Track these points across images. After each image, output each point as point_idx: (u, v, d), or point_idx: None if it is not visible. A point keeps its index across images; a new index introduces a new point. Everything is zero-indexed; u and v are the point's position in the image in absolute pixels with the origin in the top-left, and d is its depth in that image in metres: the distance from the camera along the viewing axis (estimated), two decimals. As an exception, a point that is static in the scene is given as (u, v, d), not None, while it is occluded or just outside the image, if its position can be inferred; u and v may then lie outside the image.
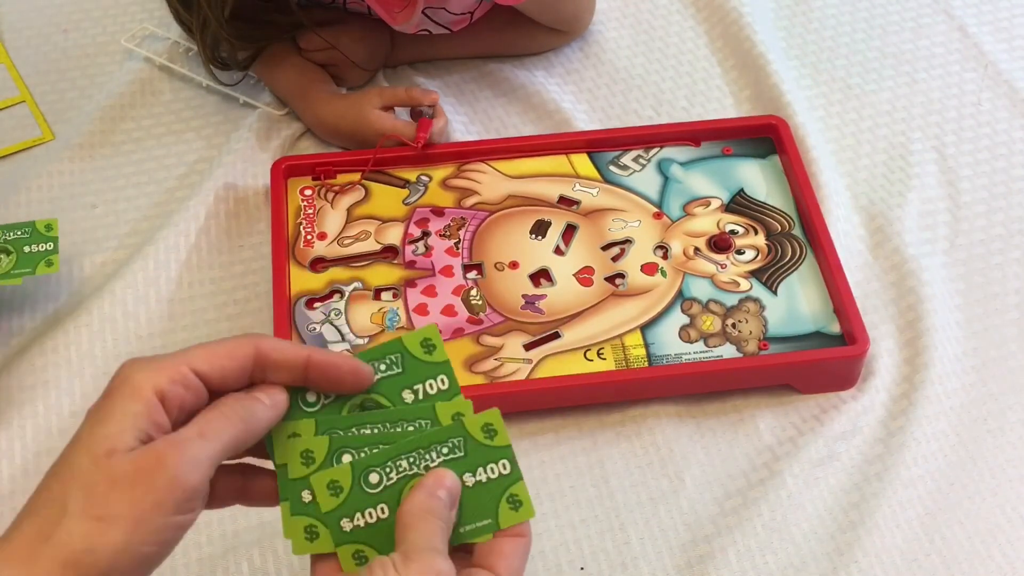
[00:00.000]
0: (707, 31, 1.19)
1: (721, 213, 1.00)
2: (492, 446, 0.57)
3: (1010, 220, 1.05)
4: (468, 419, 0.57)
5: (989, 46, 1.18)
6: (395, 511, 0.55)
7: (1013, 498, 0.88)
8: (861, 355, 0.91)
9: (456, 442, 0.57)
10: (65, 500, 0.50)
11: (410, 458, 0.56)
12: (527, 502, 0.57)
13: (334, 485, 0.56)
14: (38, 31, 1.19)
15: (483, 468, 0.57)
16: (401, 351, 0.58)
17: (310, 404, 0.57)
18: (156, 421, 0.52)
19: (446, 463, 0.57)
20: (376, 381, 0.57)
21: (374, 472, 0.56)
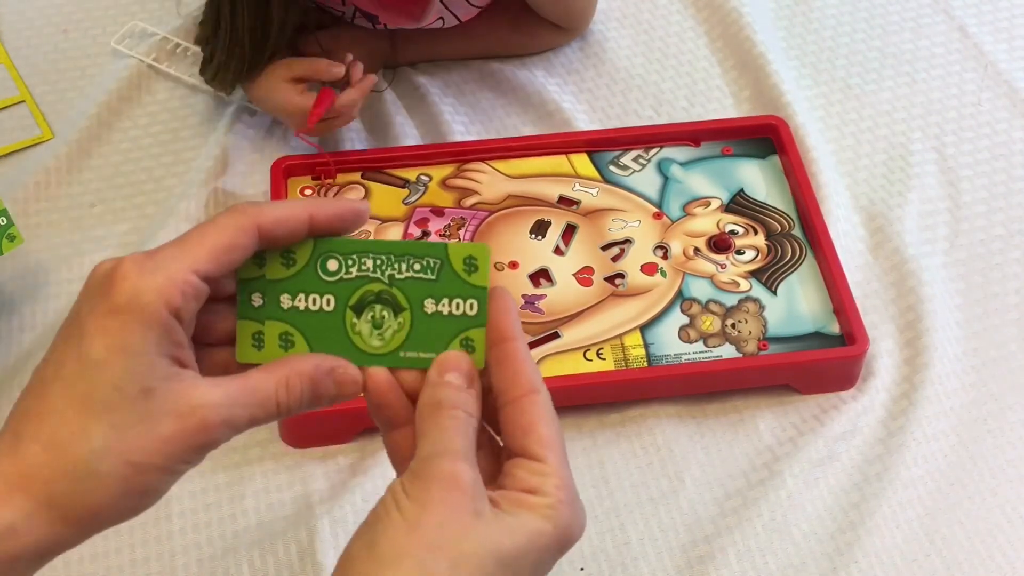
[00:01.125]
0: (707, 31, 1.19)
1: (721, 213, 1.00)
2: (468, 281, 0.52)
3: (1010, 220, 1.05)
4: (453, 247, 0.52)
5: (989, 46, 1.18)
6: (340, 311, 0.52)
7: (1013, 498, 0.88)
8: (861, 355, 0.91)
9: (432, 262, 0.52)
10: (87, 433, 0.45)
11: (377, 259, 0.52)
12: (480, 351, 0.52)
13: (289, 256, 0.52)
14: (38, 31, 1.19)
15: (449, 300, 0.52)
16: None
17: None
18: (180, 343, 0.47)
19: (412, 281, 0.52)
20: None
21: (334, 259, 0.52)
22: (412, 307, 0.52)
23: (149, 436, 0.45)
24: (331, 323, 0.52)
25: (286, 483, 0.88)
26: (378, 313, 0.52)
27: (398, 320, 0.52)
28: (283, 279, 0.52)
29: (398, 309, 0.52)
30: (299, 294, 0.52)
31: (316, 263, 0.51)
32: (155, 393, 0.45)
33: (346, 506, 0.86)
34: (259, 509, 0.87)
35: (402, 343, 0.52)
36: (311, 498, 0.87)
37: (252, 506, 0.87)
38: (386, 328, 0.52)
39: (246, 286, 0.52)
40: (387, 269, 0.52)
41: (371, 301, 0.52)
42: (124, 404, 0.45)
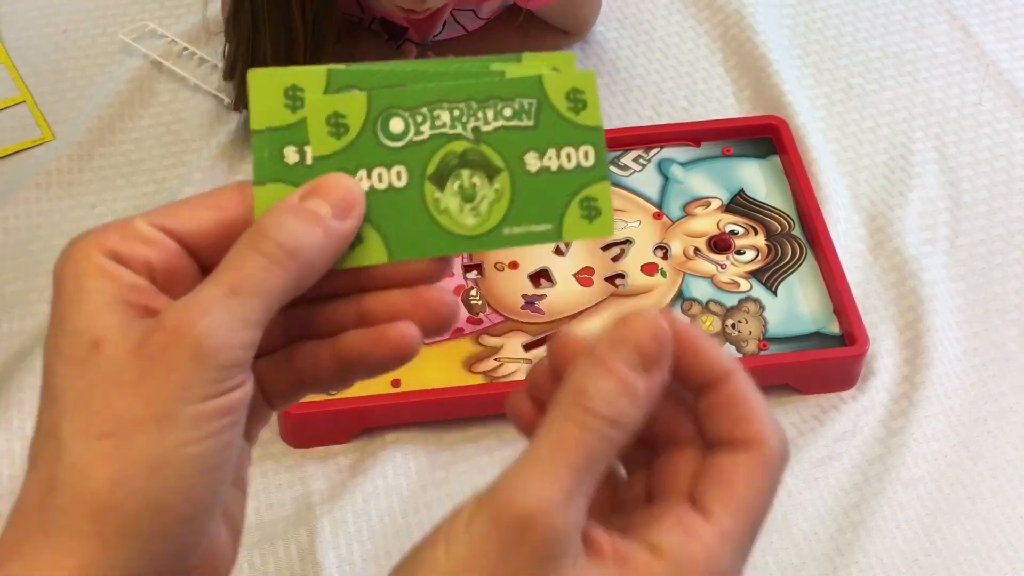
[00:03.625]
0: (708, 31, 1.19)
1: (721, 213, 1.00)
2: (576, 122, 0.41)
3: (1011, 220, 1.05)
4: (549, 78, 0.41)
5: (991, 46, 1.18)
6: (417, 184, 0.40)
7: (1014, 498, 0.88)
8: (861, 355, 0.91)
9: (526, 104, 0.40)
10: (56, 429, 0.36)
11: (455, 110, 0.40)
12: (607, 212, 0.41)
13: (337, 121, 0.40)
14: (38, 31, 1.18)
15: (556, 150, 0.41)
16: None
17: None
18: (132, 284, 0.37)
19: (505, 131, 0.40)
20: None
21: (399, 116, 0.40)
22: (510, 166, 0.41)
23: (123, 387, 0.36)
24: (407, 203, 0.40)
25: (286, 483, 0.88)
26: (467, 180, 0.40)
27: (494, 187, 0.41)
28: (333, 154, 0.39)
29: (492, 172, 0.41)
30: (359, 170, 0.40)
31: (375, 126, 0.40)
32: (104, 345, 0.36)
33: (346, 507, 0.86)
34: (259, 509, 0.87)
35: (504, 216, 0.40)
36: (311, 498, 0.87)
37: (252, 506, 0.87)
38: (480, 199, 0.40)
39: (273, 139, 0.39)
40: (469, 120, 0.40)
41: (455, 166, 0.40)
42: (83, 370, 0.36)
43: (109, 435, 0.35)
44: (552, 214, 0.41)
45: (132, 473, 0.35)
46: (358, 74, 0.40)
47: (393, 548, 0.85)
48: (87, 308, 0.36)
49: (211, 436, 0.36)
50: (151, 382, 0.35)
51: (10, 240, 1.02)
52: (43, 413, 0.37)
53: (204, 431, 0.36)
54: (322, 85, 0.40)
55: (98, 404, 0.36)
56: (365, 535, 0.85)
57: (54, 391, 0.37)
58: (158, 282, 0.38)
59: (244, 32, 0.98)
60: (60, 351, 0.37)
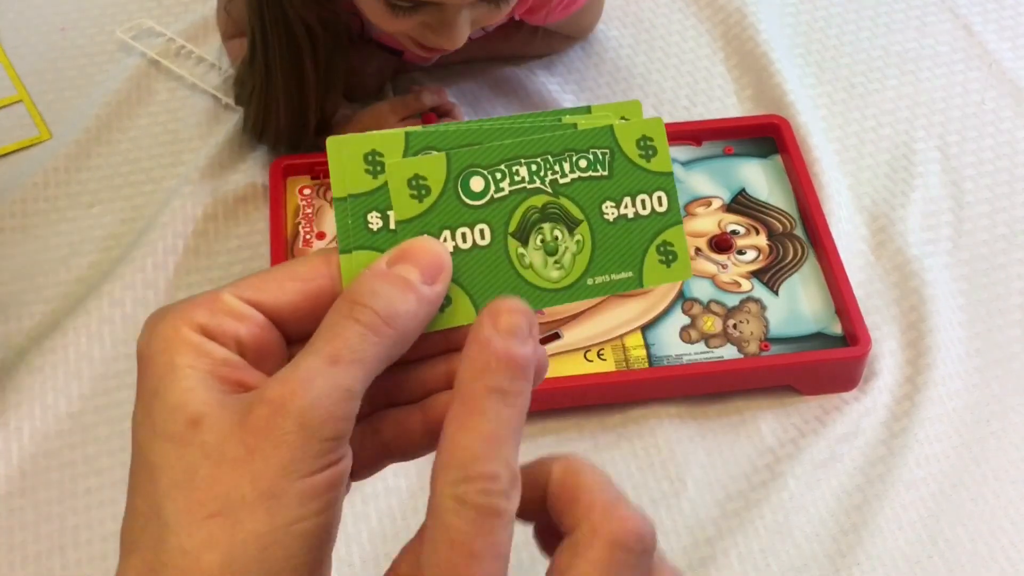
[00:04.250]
0: (709, 30, 1.19)
1: (722, 213, 0.99)
2: (648, 169, 0.42)
3: (1013, 220, 1.04)
4: (620, 127, 0.41)
5: (993, 44, 1.18)
6: (501, 241, 0.40)
7: (1016, 499, 0.88)
8: (863, 356, 0.90)
9: (600, 154, 0.41)
10: (159, 510, 0.35)
11: (533, 164, 0.40)
12: (683, 256, 0.42)
13: (419, 183, 0.39)
14: (36, 30, 1.18)
15: (631, 198, 0.41)
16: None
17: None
18: (224, 360, 0.37)
19: (581, 183, 0.41)
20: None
21: (478, 175, 0.40)
22: (589, 217, 0.41)
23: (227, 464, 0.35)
24: (491, 260, 0.40)
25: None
26: (549, 234, 0.41)
27: (575, 238, 0.41)
28: (416, 217, 0.39)
29: (572, 224, 0.41)
30: (443, 231, 0.39)
31: (456, 185, 0.40)
32: (204, 421, 0.35)
33: (345, 508, 0.85)
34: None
35: (586, 267, 0.41)
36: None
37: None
38: (563, 252, 0.41)
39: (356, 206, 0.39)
40: (547, 174, 0.41)
41: (536, 221, 0.40)
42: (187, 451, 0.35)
43: (217, 515, 0.34)
44: (632, 262, 0.41)
45: (242, 555, 0.34)
46: (435, 135, 0.40)
47: (392, 550, 0.83)
48: (182, 385, 0.36)
49: (319, 512, 0.35)
50: (257, 458, 0.35)
51: (6, 240, 1.02)
52: (138, 493, 0.36)
53: (312, 507, 0.35)
54: (400, 148, 0.40)
55: (203, 483, 0.35)
56: (364, 537, 0.85)
57: (152, 470, 0.35)
58: (248, 357, 0.38)
59: (259, 77, 0.98)
60: (156, 429, 0.36)
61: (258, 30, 0.95)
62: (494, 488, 0.34)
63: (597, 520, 0.36)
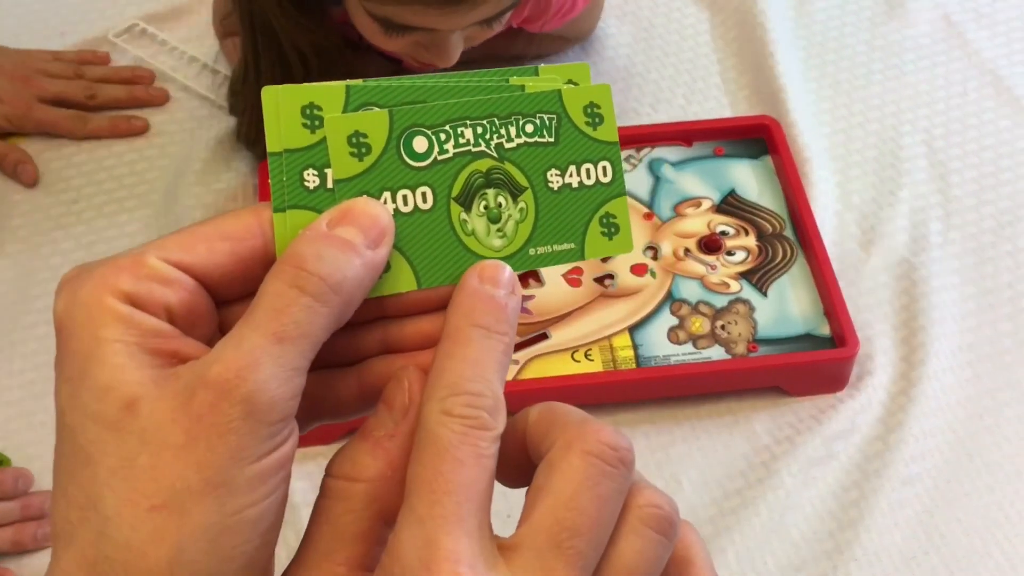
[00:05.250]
0: (708, 29, 1.19)
1: (712, 214, 0.99)
2: (595, 137, 0.40)
3: (999, 212, 1.05)
4: (567, 92, 0.40)
5: (972, 34, 1.18)
6: (443, 206, 0.38)
7: (1011, 494, 0.88)
8: (851, 357, 0.90)
9: (547, 119, 0.40)
10: (97, 500, 0.33)
11: (479, 127, 0.39)
12: (625, 228, 0.41)
13: (359, 141, 0.38)
14: (36, 33, 1.18)
15: (576, 167, 0.40)
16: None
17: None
18: (156, 330, 0.34)
19: (527, 148, 0.40)
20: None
21: (422, 134, 0.38)
22: (533, 185, 0.40)
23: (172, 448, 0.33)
24: (433, 226, 0.38)
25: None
26: (492, 201, 0.39)
27: (519, 206, 0.40)
28: (355, 176, 0.37)
29: (516, 191, 0.40)
30: (383, 193, 0.38)
31: (398, 145, 0.38)
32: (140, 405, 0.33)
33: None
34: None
35: (528, 236, 0.40)
36: (294, 498, 0.87)
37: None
38: (506, 220, 0.39)
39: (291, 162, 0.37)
40: (493, 137, 0.39)
41: (480, 186, 0.39)
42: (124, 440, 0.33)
43: (162, 507, 0.32)
44: (575, 233, 0.40)
45: (191, 547, 0.32)
46: (377, 90, 0.38)
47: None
48: (111, 361, 0.33)
49: (268, 495, 0.34)
50: (202, 446, 0.32)
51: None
52: (72, 480, 0.33)
53: (262, 491, 0.33)
54: (340, 102, 0.38)
55: (144, 472, 0.32)
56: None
57: (87, 457, 0.33)
58: (178, 324, 0.35)
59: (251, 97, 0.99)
60: (88, 411, 0.33)
61: (250, 52, 0.96)
62: (479, 403, 0.34)
63: (571, 435, 0.35)
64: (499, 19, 0.89)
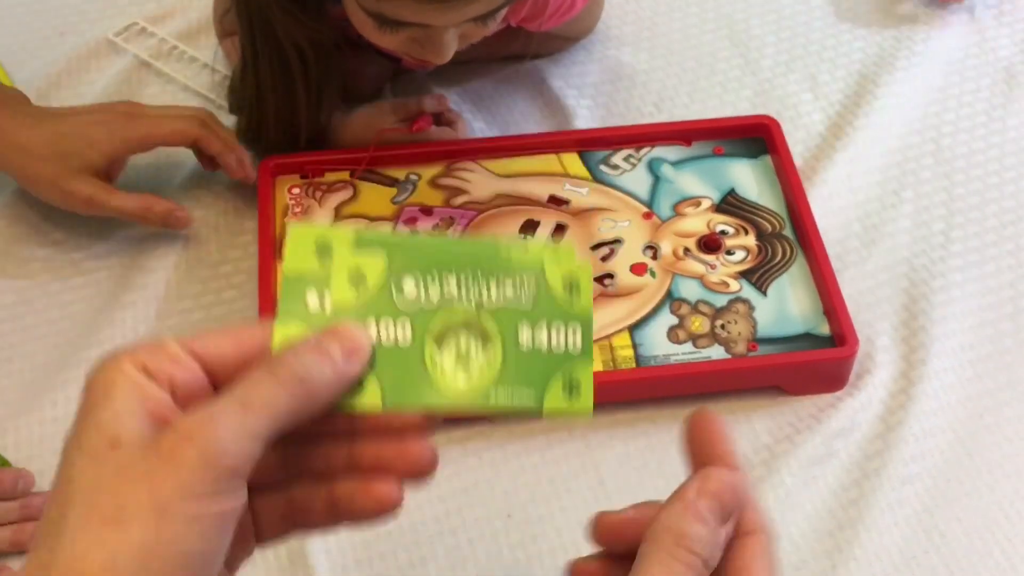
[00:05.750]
0: (712, 29, 1.19)
1: (711, 213, 0.99)
2: (569, 308, 0.45)
3: (1002, 211, 1.04)
4: (551, 263, 0.45)
5: (991, 31, 1.18)
6: (420, 341, 0.44)
7: (1011, 493, 0.88)
8: (850, 357, 0.90)
9: (527, 286, 0.45)
10: (64, 516, 0.39)
11: (463, 280, 0.44)
12: (587, 391, 0.44)
13: (358, 274, 0.44)
14: (35, 33, 1.18)
15: (547, 329, 0.44)
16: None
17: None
18: (155, 397, 0.41)
19: (503, 307, 0.44)
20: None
21: (412, 277, 0.44)
22: (504, 338, 0.44)
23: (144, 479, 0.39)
24: (407, 358, 0.44)
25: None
26: (463, 345, 0.44)
27: (487, 353, 0.44)
28: (351, 304, 0.44)
29: (487, 341, 0.44)
30: (370, 320, 0.44)
31: (391, 283, 0.44)
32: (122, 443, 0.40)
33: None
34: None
35: (492, 382, 0.44)
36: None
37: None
38: (472, 364, 0.44)
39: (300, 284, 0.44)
40: (474, 292, 0.44)
41: (455, 331, 0.44)
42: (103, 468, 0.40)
43: (110, 522, 0.38)
44: (537, 388, 0.44)
45: (124, 559, 0.38)
46: (382, 238, 0.45)
47: (386, 550, 0.84)
48: (113, 409, 0.40)
49: (203, 537, 0.39)
50: (157, 477, 0.39)
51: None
52: (53, 501, 0.40)
53: (196, 530, 0.39)
54: (350, 243, 0.45)
55: (106, 494, 0.39)
56: (357, 538, 0.85)
57: (68, 482, 0.39)
58: (177, 398, 0.42)
59: (250, 95, 0.99)
60: (81, 446, 0.40)
61: (248, 49, 0.96)
62: None
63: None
64: (493, 16, 0.89)
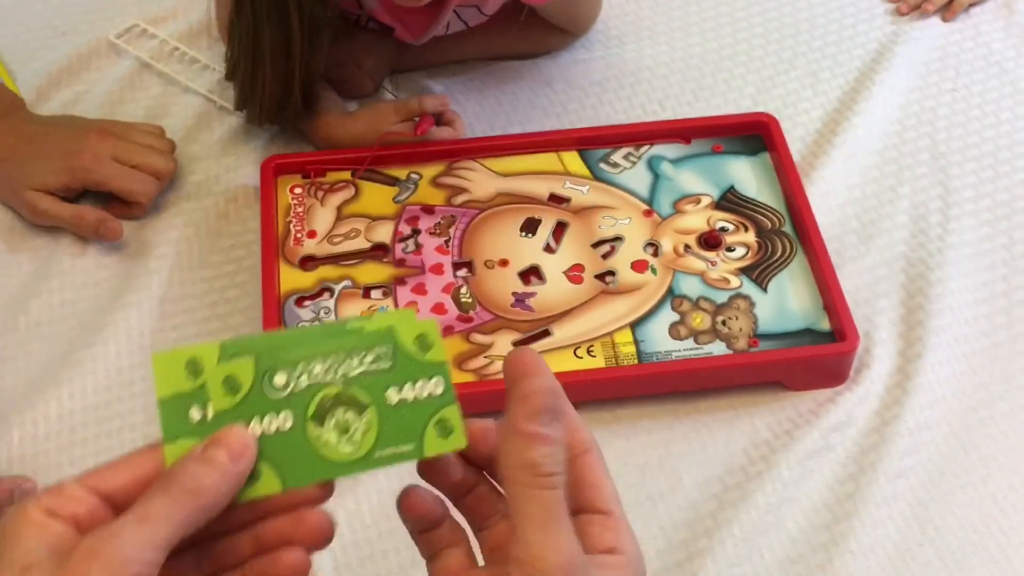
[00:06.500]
0: (713, 28, 1.19)
1: (711, 210, 1.00)
2: (425, 360, 0.49)
3: (995, 205, 1.05)
4: (400, 329, 0.50)
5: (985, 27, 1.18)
6: (300, 425, 0.48)
7: (1004, 487, 0.88)
8: (851, 352, 0.91)
9: (383, 351, 0.49)
10: None
11: (327, 362, 0.49)
12: (458, 429, 0.49)
13: (231, 381, 0.48)
14: (36, 33, 1.18)
15: (412, 384, 0.49)
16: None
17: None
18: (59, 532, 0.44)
19: (368, 375, 0.49)
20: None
21: (281, 373, 0.48)
22: (376, 402, 0.49)
23: None
24: (293, 441, 0.48)
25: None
26: (341, 417, 0.49)
27: (364, 419, 0.49)
28: (230, 409, 0.48)
29: (361, 407, 0.49)
30: (252, 418, 0.48)
31: (262, 381, 0.48)
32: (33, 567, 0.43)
33: (338, 508, 0.86)
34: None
35: (374, 443, 0.49)
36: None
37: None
38: (353, 431, 0.49)
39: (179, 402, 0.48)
40: (339, 369, 0.49)
41: (331, 407, 0.49)
42: None
43: None
44: (413, 436, 0.49)
45: None
46: (245, 343, 0.48)
47: (389, 547, 0.85)
48: (21, 547, 0.44)
49: None
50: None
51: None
52: None
53: None
54: (216, 355, 0.48)
55: None
56: (359, 536, 0.85)
57: None
58: (82, 529, 0.45)
59: (245, 33, 0.98)
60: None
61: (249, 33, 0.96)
62: None
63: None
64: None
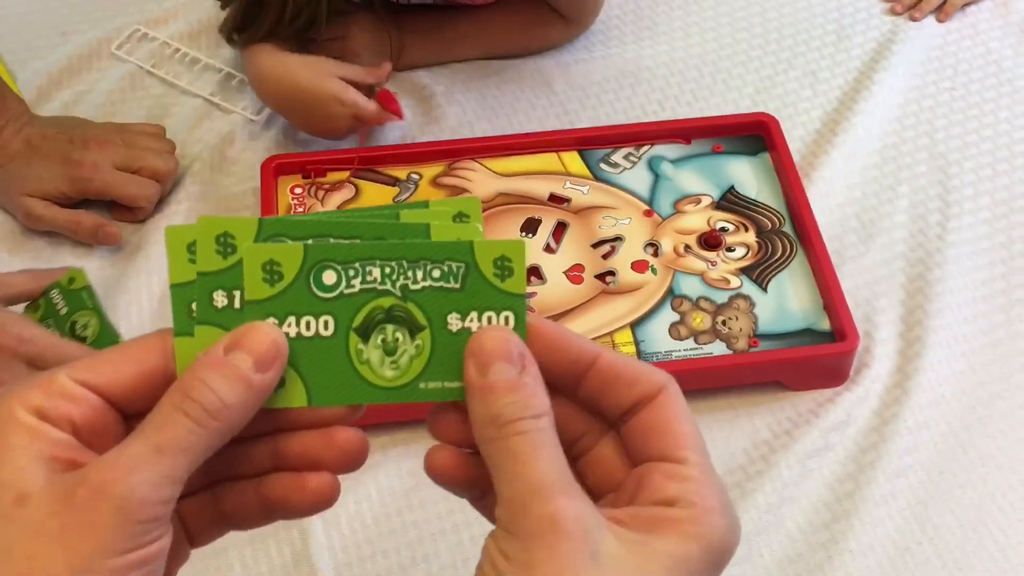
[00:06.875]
0: (713, 28, 1.19)
1: (711, 210, 1.00)
2: (501, 289, 0.42)
3: (994, 204, 1.05)
4: (480, 245, 0.42)
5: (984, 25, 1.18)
6: (343, 335, 0.42)
7: (1003, 485, 0.89)
8: (851, 351, 0.91)
9: (455, 267, 0.42)
10: None
11: (387, 267, 0.42)
12: None
13: (273, 268, 0.41)
14: (37, 33, 1.18)
15: (478, 313, 0.42)
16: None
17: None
18: (57, 441, 0.38)
19: (431, 291, 0.42)
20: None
21: (332, 269, 0.41)
22: (432, 325, 0.42)
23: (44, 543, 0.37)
24: (331, 351, 0.42)
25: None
26: (390, 335, 0.42)
27: (415, 343, 0.42)
28: (265, 299, 0.41)
29: (415, 329, 0.42)
30: (288, 317, 0.41)
31: (309, 276, 0.41)
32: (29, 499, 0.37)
33: (339, 508, 0.85)
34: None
35: (421, 371, 0.42)
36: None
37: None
38: (400, 354, 0.42)
39: (204, 283, 0.41)
40: (399, 278, 0.42)
41: (380, 321, 0.42)
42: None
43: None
44: (462, 372, 0.42)
45: None
46: (287, 224, 0.42)
47: (389, 547, 0.85)
48: (13, 464, 0.37)
49: None
50: (73, 536, 0.36)
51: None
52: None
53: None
54: (253, 233, 0.41)
55: (19, 557, 0.36)
56: (360, 536, 0.85)
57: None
58: (82, 437, 0.39)
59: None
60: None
61: None
62: None
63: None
64: None
